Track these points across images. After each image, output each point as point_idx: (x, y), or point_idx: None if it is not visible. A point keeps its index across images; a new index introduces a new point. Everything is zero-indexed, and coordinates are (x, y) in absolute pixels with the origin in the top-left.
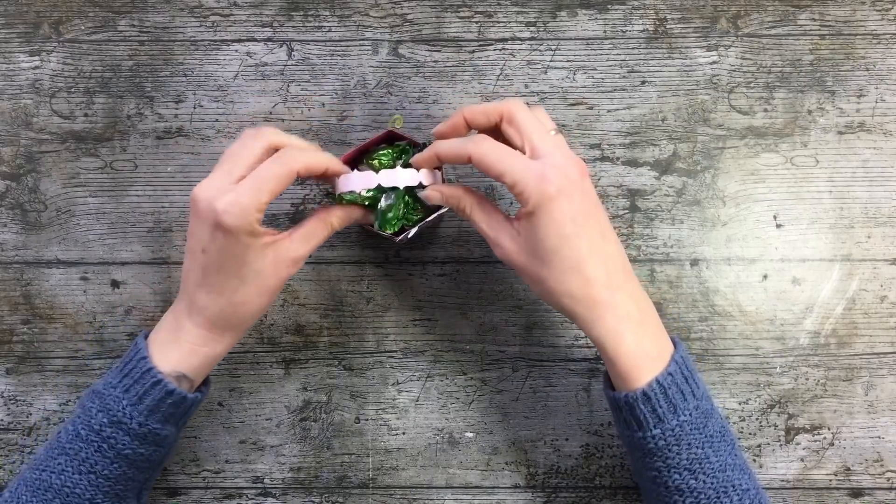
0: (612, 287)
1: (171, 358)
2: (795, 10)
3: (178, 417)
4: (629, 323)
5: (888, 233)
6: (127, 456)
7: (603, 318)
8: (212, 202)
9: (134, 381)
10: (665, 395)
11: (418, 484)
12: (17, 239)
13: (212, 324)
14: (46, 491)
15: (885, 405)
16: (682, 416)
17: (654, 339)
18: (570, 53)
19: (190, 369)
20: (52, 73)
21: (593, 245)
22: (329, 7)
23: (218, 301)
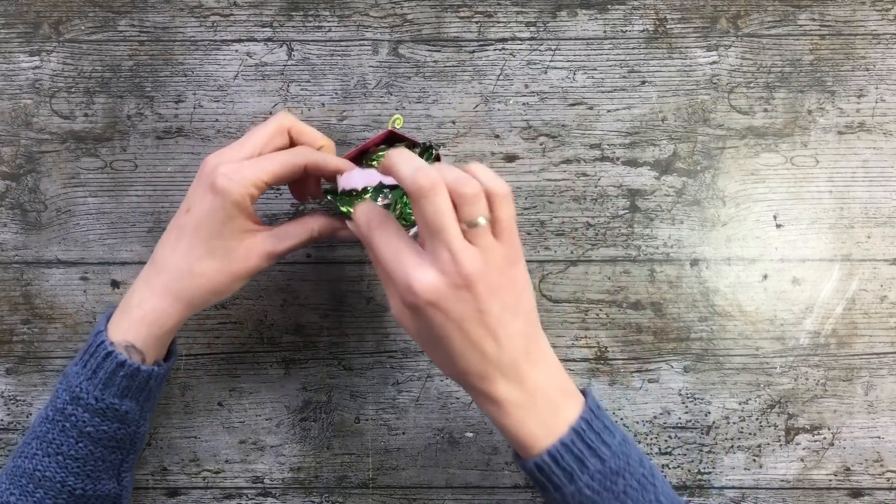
0: (487, 378)
1: (121, 327)
2: (795, 10)
3: (136, 391)
4: (509, 407)
5: (888, 233)
6: (90, 434)
7: (486, 402)
8: (216, 166)
9: (90, 356)
10: (557, 464)
11: (418, 484)
12: (17, 239)
13: (165, 288)
14: (21, 477)
15: (885, 405)
16: (580, 481)
17: (542, 418)
18: (570, 53)
19: (138, 339)
20: (52, 73)
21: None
22: (329, 7)
23: (179, 264)
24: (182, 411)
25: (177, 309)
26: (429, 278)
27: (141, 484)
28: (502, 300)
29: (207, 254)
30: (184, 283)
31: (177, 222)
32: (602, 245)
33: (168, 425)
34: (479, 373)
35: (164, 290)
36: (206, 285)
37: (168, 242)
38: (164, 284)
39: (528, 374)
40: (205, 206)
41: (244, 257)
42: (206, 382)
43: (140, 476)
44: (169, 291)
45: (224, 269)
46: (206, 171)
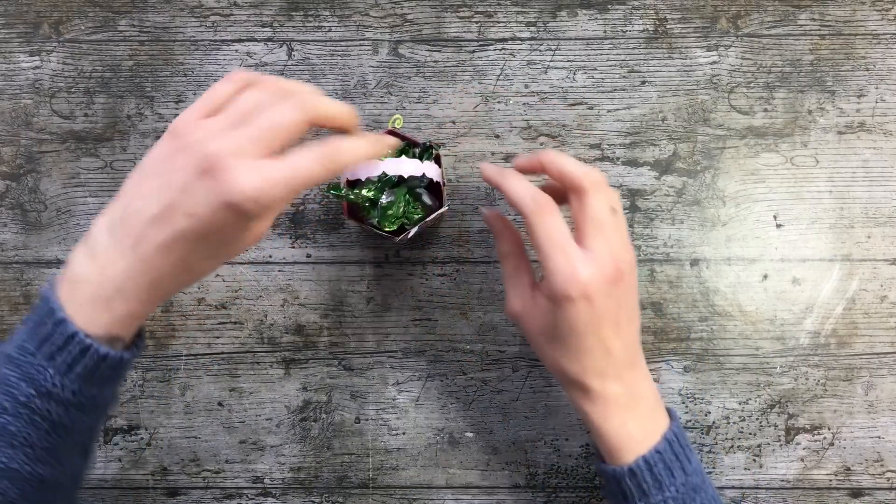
0: (605, 376)
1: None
2: (795, 10)
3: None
4: (616, 407)
5: (888, 233)
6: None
7: (593, 401)
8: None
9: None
10: (651, 472)
11: (418, 484)
12: (17, 239)
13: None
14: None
15: (885, 405)
16: (668, 491)
17: (642, 422)
18: (570, 53)
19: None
20: (52, 73)
21: (600, 341)
22: (329, 7)
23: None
24: (182, 411)
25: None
26: (591, 270)
27: (141, 484)
28: (631, 303)
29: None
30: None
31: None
32: None
33: (168, 425)
34: (600, 370)
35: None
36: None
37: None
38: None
39: (634, 377)
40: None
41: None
42: (206, 382)
43: (140, 476)
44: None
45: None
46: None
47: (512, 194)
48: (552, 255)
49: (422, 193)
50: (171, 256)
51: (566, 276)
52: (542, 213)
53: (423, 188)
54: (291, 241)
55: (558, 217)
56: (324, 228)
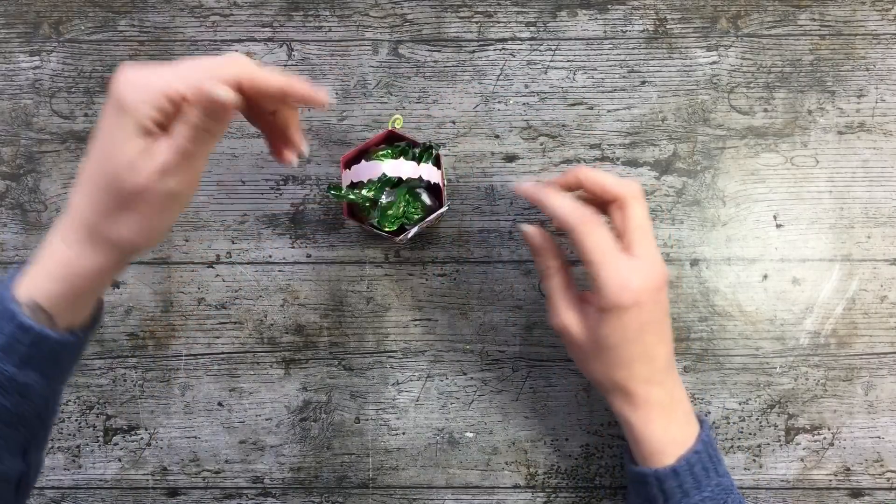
0: (651, 382)
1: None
2: (795, 10)
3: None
4: (659, 411)
5: (888, 233)
6: None
7: (634, 406)
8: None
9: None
10: (691, 472)
11: (418, 484)
12: (17, 239)
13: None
14: None
15: (885, 405)
16: (705, 491)
17: (681, 425)
18: (570, 53)
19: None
20: (52, 73)
21: (646, 349)
22: (329, 7)
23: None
24: (182, 411)
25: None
26: (641, 279)
27: (141, 484)
28: (668, 312)
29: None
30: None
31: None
32: None
33: (168, 425)
34: (645, 377)
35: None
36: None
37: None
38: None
39: (674, 383)
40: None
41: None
42: (206, 382)
43: (140, 476)
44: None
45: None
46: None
47: (555, 209)
48: (603, 267)
49: (421, 193)
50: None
51: (619, 286)
52: (588, 225)
53: (423, 188)
54: (291, 241)
55: (604, 229)
56: (324, 228)
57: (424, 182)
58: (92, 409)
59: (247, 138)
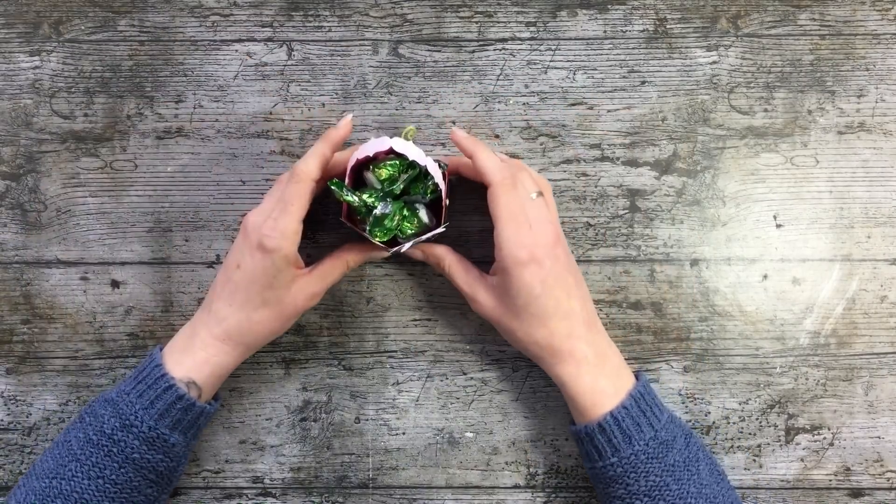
0: (573, 337)
1: (184, 364)
2: (795, 10)
3: (186, 426)
4: (586, 366)
5: (888, 233)
6: (135, 460)
7: (562, 363)
8: (259, 226)
9: (147, 387)
10: (619, 427)
11: (418, 484)
12: (17, 239)
13: (227, 335)
14: (56, 498)
15: (885, 405)
16: (637, 445)
17: (611, 379)
18: (570, 53)
19: (200, 377)
20: (52, 73)
21: (558, 304)
22: (329, 7)
23: (237, 314)
24: None
25: (236, 353)
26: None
27: None
28: (572, 266)
29: (262, 304)
30: (243, 330)
31: (228, 276)
32: (602, 245)
33: None
34: (566, 332)
35: (226, 337)
36: (263, 331)
37: (223, 296)
38: (225, 332)
39: (597, 338)
40: (255, 262)
41: (293, 302)
42: None
43: None
44: (230, 338)
45: (277, 314)
46: (251, 230)
47: (482, 164)
48: (506, 225)
49: (420, 209)
50: (232, 305)
51: (515, 243)
52: (505, 186)
53: (423, 204)
54: None
55: (517, 193)
56: (324, 228)
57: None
58: None
59: (247, 138)
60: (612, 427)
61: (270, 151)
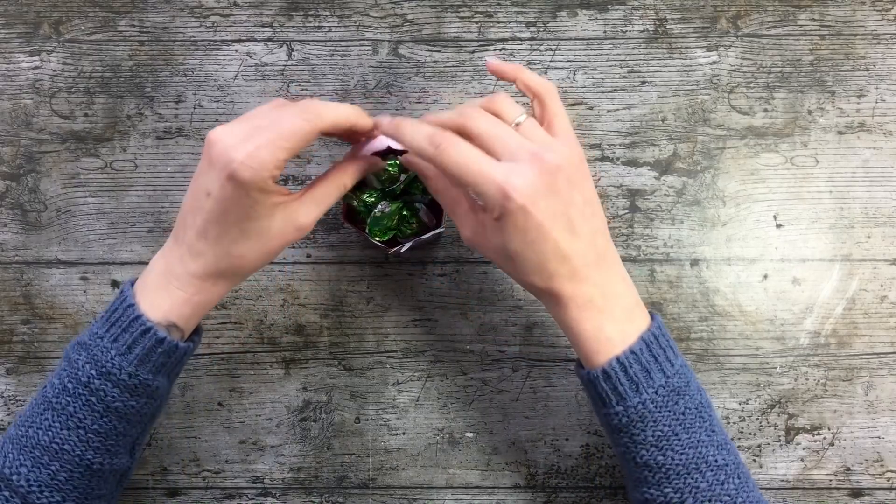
0: (575, 279)
1: (162, 306)
2: (795, 10)
3: (169, 368)
4: (590, 310)
5: (888, 233)
6: (117, 409)
7: (565, 306)
8: (228, 150)
9: (122, 330)
10: (626, 373)
11: (418, 484)
12: (17, 239)
13: (205, 272)
14: (34, 448)
15: (885, 405)
16: (645, 393)
17: (620, 322)
18: (570, 53)
19: (181, 318)
20: (52, 73)
21: (558, 244)
22: (329, 7)
23: (215, 249)
24: (182, 411)
25: (219, 289)
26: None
27: (141, 484)
28: (582, 194)
29: (242, 236)
30: (223, 266)
31: (199, 204)
32: None
33: (168, 425)
34: (567, 274)
35: (205, 275)
36: (246, 264)
37: (195, 226)
38: (203, 269)
39: (606, 277)
40: (226, 193)
41: (279, 233)
42: (206, 382)
43: (140, 476)
44: (210, 274)
45: (261, 247)
46: (218, 154)
47: (409, 142)
48: (474, 178)
49: (419, 209)
50: (207, 239)
51: (499, 193)
52: (443, 148)
53: (424, 205)
54: None
55: (462, 143)
56: (324, 228)
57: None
58: None
59: None
60: (618, 373)
61: None
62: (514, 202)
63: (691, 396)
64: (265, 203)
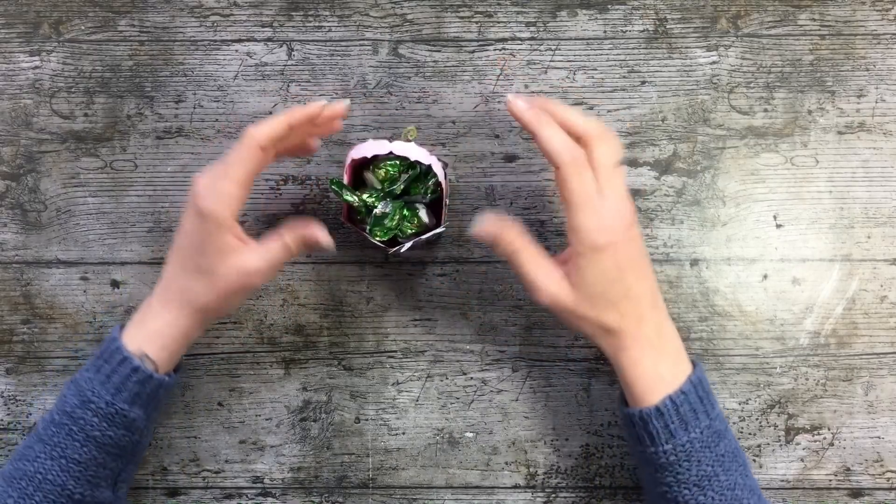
0: (640, 320)
1: (137, 338)
2: (795, 10)
3: (145, 399)
4: (649, 350)
5: (888, 233)
6: (95, 438)
7: (626, 346)
8: (196, 187)
9: (104, 361)
10: (677, 412)
11: (418, 484)
12: (17, 239)
13: (172, 301)
14: (21, 479)
15: (885, 405)
16: (693, 433)
17: (671, 364)
18: (570, 53)
19: (152, 350)
20: (52, 73)
21: (629, 287)
22: (329, 7)
23: (179, 278)
24: (182, 411)
25: (189, 321)
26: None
27: (141, 484)
28: (644, 247)
29: (195, 271)
30: (186, 296)
31: (174, 242)
32: None
33: (168, 425)
34: (632, 315)
35: (173, 303)
36: (201, 301)
37: (170, 260)
38: (170, 297)
39: (660, 317)
40: (192, 225)
41: (226, 275)
42: (206, 382)
43: (140, 476)
44: (177, 304)
45: (211, 287)
46: (191, 194)
47: (548, 144)
48: (582, 209)
49: (420, 209)
50: (174, 268)
51: (595, 228)
52: (577, 166)
53: (424, 205)
54: None
55: (590, 173)
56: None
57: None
58: None
59: None
60: (670, 412)
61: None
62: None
63: (729, 440)
64: (219, 239)
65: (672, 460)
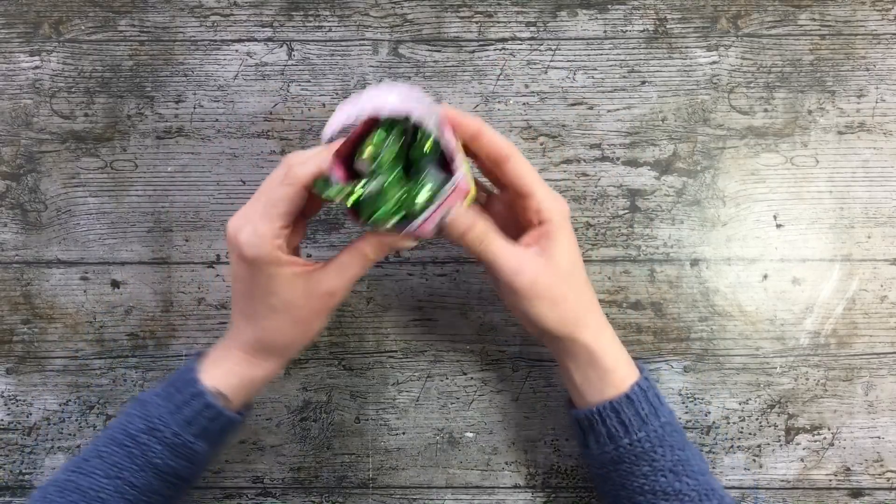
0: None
1: (213, 375)
2: (795, 10)
3: (212, 435)
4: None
5: (888, 233)
6: (156, 465)
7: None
8: (235, 234)
9: (176, 390)
10: (646, 397)
11: (418, 484)
12: (17, 239)
13: (249, 348)
14: (73, 492)
15: (885, 405)
16: (663, 417)
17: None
18: (570, 53)
19: (228, 388)
20: (52, 73)
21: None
22: (329, 7)
23: (250, 327)
24: None
25: (267, 365)
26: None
27: None
28: None
29: (270, 312)
30: (263, 342)
31: (234, 289)
32: (602, 245)
33: None
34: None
35: (248, 350)
36: (285, 339)
37: (236, 308)
38: (246, 344)
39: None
40: (244, 273)
41: (306, 303)
42: None
43: None
44: (254, 350)
45: (293, 319)
46: (230, 239)
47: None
48: (541, 186)
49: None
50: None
51: (558, 199)
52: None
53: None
54: None
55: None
56: (324, 228)
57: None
58: (92, 409)
59: (247, 138)
60: (640, 398)
61: (271, 151)
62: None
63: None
64: (282, 275)
65: (647, 447)
